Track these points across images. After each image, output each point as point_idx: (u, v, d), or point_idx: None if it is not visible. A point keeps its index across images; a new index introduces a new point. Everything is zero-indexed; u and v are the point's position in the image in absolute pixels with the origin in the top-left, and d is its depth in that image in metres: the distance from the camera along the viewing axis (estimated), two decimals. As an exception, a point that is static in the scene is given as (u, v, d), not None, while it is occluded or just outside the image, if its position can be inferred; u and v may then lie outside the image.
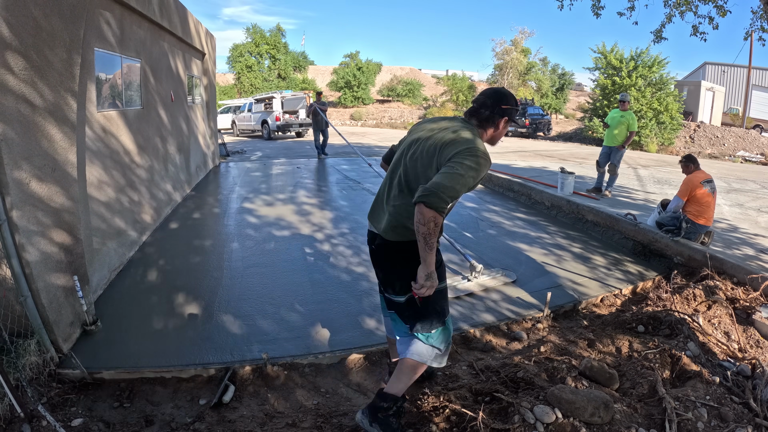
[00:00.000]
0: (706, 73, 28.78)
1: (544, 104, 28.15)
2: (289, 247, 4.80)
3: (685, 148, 17.74)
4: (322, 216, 6.02)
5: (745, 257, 4.33)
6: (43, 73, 2.53)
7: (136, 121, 5.08)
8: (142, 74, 5.29)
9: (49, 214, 2.67)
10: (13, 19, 2.30)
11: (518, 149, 14.73)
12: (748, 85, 22.44)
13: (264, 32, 30.99)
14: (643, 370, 2.47)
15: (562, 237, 5.37)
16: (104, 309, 3.34)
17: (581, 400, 2.03)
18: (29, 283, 2.49)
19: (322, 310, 3.42)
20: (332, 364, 2.84)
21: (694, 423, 2.03)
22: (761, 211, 6.47)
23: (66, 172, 2.81)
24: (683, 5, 5.57)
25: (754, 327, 3.19)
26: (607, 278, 4.20)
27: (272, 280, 3.97)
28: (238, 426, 2.29)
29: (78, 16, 2.84)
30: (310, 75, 34.91)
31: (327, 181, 8.79)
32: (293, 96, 18.23)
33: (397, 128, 25.46)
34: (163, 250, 4.68)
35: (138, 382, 2.63)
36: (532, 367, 2.52)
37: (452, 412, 2.17)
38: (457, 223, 5.79)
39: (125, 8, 4.65)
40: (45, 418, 2.21)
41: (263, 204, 6.67)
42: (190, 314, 3.34)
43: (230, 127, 20.65)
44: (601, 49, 19.22)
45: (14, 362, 2.36)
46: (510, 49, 29.49)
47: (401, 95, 32.14)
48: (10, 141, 2.34)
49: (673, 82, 18.66)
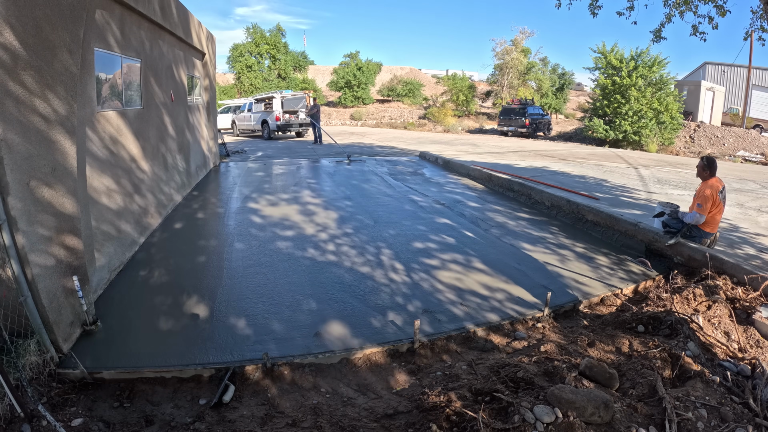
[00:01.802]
0: (706, 73, 28.77)
1: (544, 104, 28.13)
2: (290, 247, 4.80)
3: (685, 147, 17.74)
4: (325, 216, 6.02)
5: (748, 257, 4.33)
6: (43, 74, 2.53)
7: (136, 121, 5.08)
8: (142, 74, 5.29)
9: (50, 214, 2.67)
10: (14, 20, 2.30)
11: (518, 149, 14.74)
12: (748, 85, 22.43)
13: (264, 32, 30.99)
14: (643, 370, 2.46)
15: (562, 237, 5.37)
16: (104, 309, 3.34)
17: (581, 400, 2.03)
18: (29, 283, 2.49)
19: (322, 311, 3.42)
20: (332, 364, 2.84)
21: (694, 423, 2.03)
22: (761, 210, 6.47)
23: (66, 172, 2.81)
24: (683, 5, 5.57)
25: (754, 327, 3.18)
26: (607, 278, 4.20)
27: (272, 280, 3.97)
28: (238, 426, 2.29)
29: (78, 16, 2.84)
30: (310, 75, 34.90)
31: (332, 181, 8.79)
32: (293, 96, 18.22)
33: (397, 128, 25.47)
34: (164, 250, 4.68)
35: (138, 382, 2.63)
36: (532, 367, 2.52)
37: (452, 411, 2.17)
38: (460, 223, 5.79)
39: (125, 8, 4.65)
40: (45, 418, 2.21)
41: (263, 204, 6.67)
42: (191, 314, 3.34)
43: (230, 127, 20.65)
44: (601, 49, 19.21)
45: (14, 362, 2.36)
46: (510, 49, 29.47)
47: (401, 95, 32.14)
48: (10, 141, 2.34)
49: (673, 82, 18.65)
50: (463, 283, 3.94)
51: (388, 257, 4.52)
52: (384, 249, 4.75)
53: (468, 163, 9.91)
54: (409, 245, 4.88)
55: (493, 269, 4.27)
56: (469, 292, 3.77)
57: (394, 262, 4.40)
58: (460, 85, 29.22)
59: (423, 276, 4.08)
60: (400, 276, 4.08)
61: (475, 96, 30.35)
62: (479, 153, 13.23)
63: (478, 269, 4.27)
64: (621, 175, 9.27)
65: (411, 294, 3.73)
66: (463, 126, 26.00)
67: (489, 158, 11.72)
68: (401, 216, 6.08)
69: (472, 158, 11.47)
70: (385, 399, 2.52)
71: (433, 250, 4.76)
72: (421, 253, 4.66)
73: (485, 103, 32.51)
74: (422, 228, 5.51)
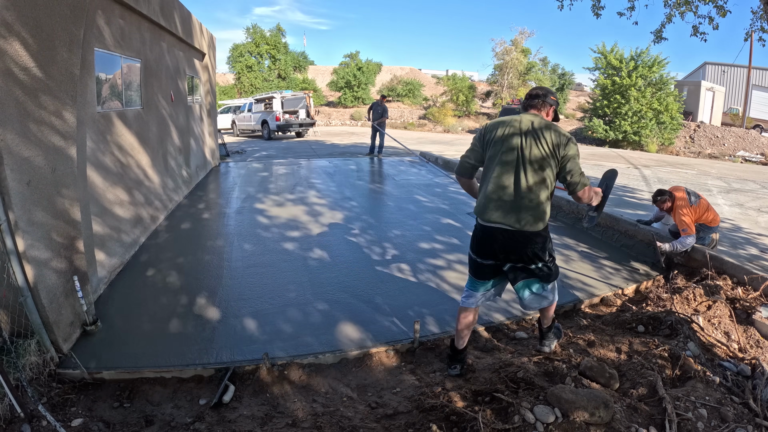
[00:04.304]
0: (706, 73, 28.77)
1: (544, 104, 28.09)
2: (291, 247, 4.80)
3: (685, 148, 17.74)
4: (328, 216, 6.02)
5: (751, 257, 4.33)
6: (43, 74, 2.53)
7: (136, 122, 5.08)
8: (142, 74, 5.29)
9: (49, 214, 2.67)
10: (14, 20, 2.30)
11: (518, 149, 14.71)
12: (748, 85, 22.43)
13: (264, 32, 30.98)
14: (643, 370, 2.46)
15: (561, 237, 5.37)
16: (104, 309, 3.34)
17: (581, 400, 2.03)
18: (29, 283, 2.49)
19: (322, 311, 3.42)
20: (332, 364, 2.84)
21: (694, 423, 2.03)
22: (761, 211, 6.47)
23: (66, 172, 2.81)
24: (683, 5, 5.57)
25: (754, 327, 3.18)
26: (607, 278, 4.19)
27: (273, 280, 3.97)
28: (238, 426, 2.28)
29: (78, 16, 2.84)
30: (310, 75, 34.89)
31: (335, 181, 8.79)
32: (293, 96, 18.23)
33: (397, 128, 25.43)
34: (163, 251, 4.68)
35: (138, 382, 2.63)
36: (532, 367, 2.52)
37: (452, 411, 2.17)
38: (463, 223, 5.79)
39: (125, 8, 4.65)
40: (45, 418, 2.21)
41: (264, 204, 6.67)
42: (191, 314, 3.34)
43: (230, 127, 20.64)
44: (601, 49, 19.22)
45: (14, 362, 2.36)
46: (510, 49, 29.45)
47: (401, 95, 32.13)
48: (10, 141, 2.34)
49: (673, 82, 18.66)
50: (463, 283, 3.93)
51: (388, 257, 4.52)
52: (389, 248, 4.75)
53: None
54: (412, 245, 4.88)
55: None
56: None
57: (394, 263, 4.40)
58: (460, 86, 29.20)
59: (423, 276, 4.08)
60: (400, 276, 4.08)
61: (475, 96, 30.32)
62: (479, 153, 13.21)
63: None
64: (621, 175, 9.28)
65: (411, 294, 3.72)
66: (463, 126, 25.98)
67: (489, 158, 11.71)
68: (405, 215, 6.08)
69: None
70: (385, 399, 2.52)
71: (438, 250, 4.75)
72: (426, 253, 4.66)
73: (485, 104, 32.49)
74: (427, 228, 5.51)
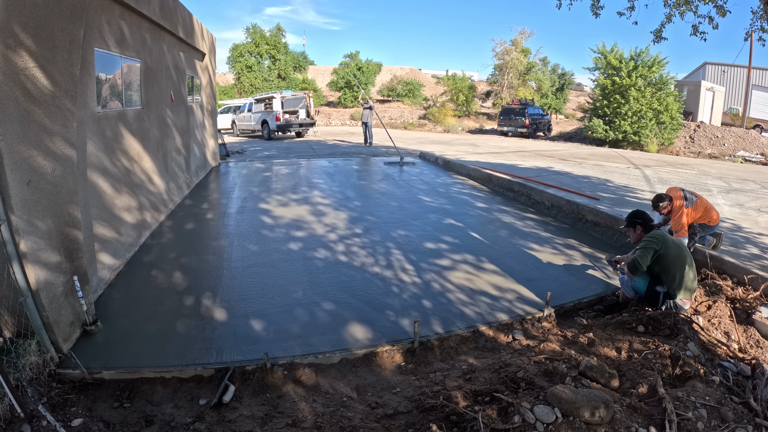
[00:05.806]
0: (706, 73, 28.76)
1: (544, 104, 28.08)
2: (291, 247, 4.80)
3: (685, 148, 17.73)
4: (330, 217, 6.02)
5: (753, 256, 4.33)
6: (43, 74, 2.53)
7: (136, 121, 5.08)
8: (142, 74, 5.29)
9: (50, 214, 2.67)
10: (14, 20, 2.30)
11: (519, 149, 14.73)
12: (748, 85, 22.42)
13: (264, 32, 30.98)
14: (643, 370, 2.46)
15: (562, 237, 5.37)
16: (104, 309, 3.34)
17: (581, 400, 2.03)
18: (29, 283, 2.49)
19: (323, 311, 3.42)
20: (333, 364, 2.84)
21: (694, 423, 2.03)
22: (761, 211, 6.47)
23: (66, 173, 2.81)
24: (683, 5, 5.56)
25: (754, 327, 3.19)
26: (607, 278, 4.19)
27: (273, 280, 3.97)
28: (238, 426, 2.28)
29: (78, 16, 2.84)
30: (310, 75, 34.89)
31: (335, 181, 8.79)
32: (293, 96, 18.22)
33: (397, 128, 25.42)
34: (163, 251, 4.67)
35: (138, 382, 2.63)
36: (532, 367, 2.52)
37: (452, 411, 2.17)
38: (466, 223, 5.79)
39: (125, 8, 4.65)
40: (45, 418, 2.21)
41: (264, 204, 6.66)
42: (191, 314, 3.34)
43: (230, 127, 20.64)
44: (600, 49, 19.19)
45: (14, 362, 2.36)
46: (510, 49, 29.46)
47: (401, 95, 32.15)
48: (11, 141, 2.34)
49: (673, 82, 18.64)
50: (463, 283, 3.94)
51: (387, 257, 4.52)
52: (390, 248, 4.75)
53: (468, 164, 9.91)
54: (414, 245, 4.88)
55: (495, 269, 4.27)
56: (470, 292, 3.77)
57: (394, 262, 4.40)
58: (460, 85, 29.20)
59: (424, 276, 4.08)
60: (400, 275, 4.08)
61: (475, 96, 30.34)
62: (479, 153, 13.22)
63: (480, 268, 4.27)
64: (621, 175, 9.27)
65: (411, 294, 3.72)
66: (463, 126, 25.98)
67: (489, 158, 11.71)
68: (406, 215, 6.08)
69: (472, 158, 11.47)
70: (386, 399, 2.52)
71: (439, 250, 4.75)
72: (428, 253, 4.66)
73: (485, 104, 32.51)
74: (428, 228, 5.51)
